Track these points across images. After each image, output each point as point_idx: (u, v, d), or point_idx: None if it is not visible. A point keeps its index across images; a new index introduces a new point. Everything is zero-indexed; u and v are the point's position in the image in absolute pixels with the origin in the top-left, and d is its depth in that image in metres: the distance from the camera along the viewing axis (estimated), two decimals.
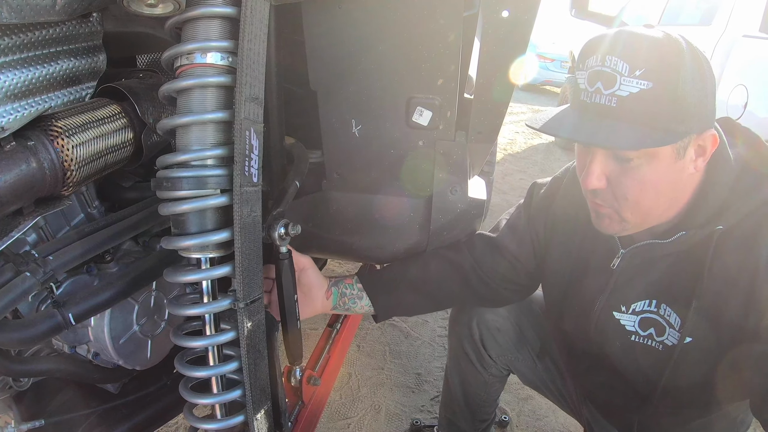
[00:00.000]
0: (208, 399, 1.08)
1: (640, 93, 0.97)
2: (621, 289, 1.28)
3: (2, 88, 0.96)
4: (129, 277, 1.14)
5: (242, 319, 0.99)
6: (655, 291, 1.23)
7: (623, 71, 0.98)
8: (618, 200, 1.11)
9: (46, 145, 0.96)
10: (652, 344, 1.24)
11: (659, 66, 0.97)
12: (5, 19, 0.90)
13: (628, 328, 1.27)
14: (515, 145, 8.12)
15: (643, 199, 1.10)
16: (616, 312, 1.29)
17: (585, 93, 1.05)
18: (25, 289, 0.99)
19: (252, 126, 0.93)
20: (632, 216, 1.13)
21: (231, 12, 0.92)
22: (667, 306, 1.20)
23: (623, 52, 0.98)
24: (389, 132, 1.42)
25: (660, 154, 1.03)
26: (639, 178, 1.06)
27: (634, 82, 0.97)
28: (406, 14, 1.25)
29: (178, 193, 0.94)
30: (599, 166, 1.08)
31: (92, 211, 1.28)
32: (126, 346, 1.28)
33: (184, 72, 0.94)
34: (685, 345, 1.16)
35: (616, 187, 1.10)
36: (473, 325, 1.70)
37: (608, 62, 0.99)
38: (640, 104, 0.98)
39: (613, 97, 1.00)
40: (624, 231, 1.17)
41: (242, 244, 0.95)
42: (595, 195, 1.14)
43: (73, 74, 1.12)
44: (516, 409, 2.44)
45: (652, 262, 1.22)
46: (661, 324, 1.21)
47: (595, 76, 1.02)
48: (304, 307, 1.40)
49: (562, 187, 1.46)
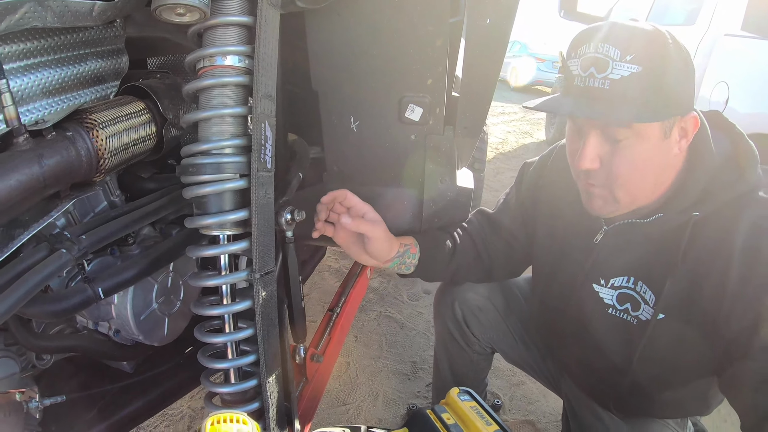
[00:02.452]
0: (225, 363, 1.17)
1: (630, 76, 1.04)
2: (602, 263, 1.34)
3: (40, 84, 1.07)
4: (151, 257, 1.24)
5: (258, 288, 1.09)
6: (634, 269, 1.28)
7: (615, 56, 1.04)
8: (611, 179, 1.16)
9: (83, 136, 1.06)
10: (627, 318, 1.29)
11: (648, 52, 1.04)
12: (49, 23, 1.00)
13: (606, 301, 1.33)
14: (506, 145, 8.17)
15: (633, 177, 1.15)
16: (595, 284, 1.35)
17: (578, 78, 1.11)
18: (61, 264, 1.06)
19: (267, 120, 1.05)
20: (623, 195, 1.17)
21: (247, 20, 1.04)
22: (643, 283, 1.26)
23: (615, 40, 1.05)
24: (384, 128, 1.51)
25: (648, 133, 1.10)
26: (630, 157, 1.12)
27: (625, 66, 1.04)
28: (398, 21, 1.34)
29: (201, 177, 1.05)
30: (593, 147, 1.14)
31: (114, 199, 1.37)
32: (146, 322, 1.37)
33: (206, 72, 1.05)
34: (658, 321, 1.21)
35: (609, 167, 1.15)
36: (456, 305, 1.77)
37: (601, 49, 1.06)
38: (631, 86, 1.04)
39: (606, 80, 1.06)
40: (615, 212, 1.22)
41: (258, 221, 1.06)
42: (589, 176, 1.19)
43: (99, 74, 1.22)
44: (508, 393, 2.50)
45: (632, 241, 1.28)
46: (636, 300, 1.27)
47: (588, 62, 1.08)
48: (369, 261, 1.48)
49: (548, 165, 1.54)
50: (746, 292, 1.06)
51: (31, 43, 1.06)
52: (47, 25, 1.00)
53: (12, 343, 1.26)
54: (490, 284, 1.77)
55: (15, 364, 1.27)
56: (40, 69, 1.08)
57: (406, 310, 3.19)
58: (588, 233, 1.37)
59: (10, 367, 1.27)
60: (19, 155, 0.94)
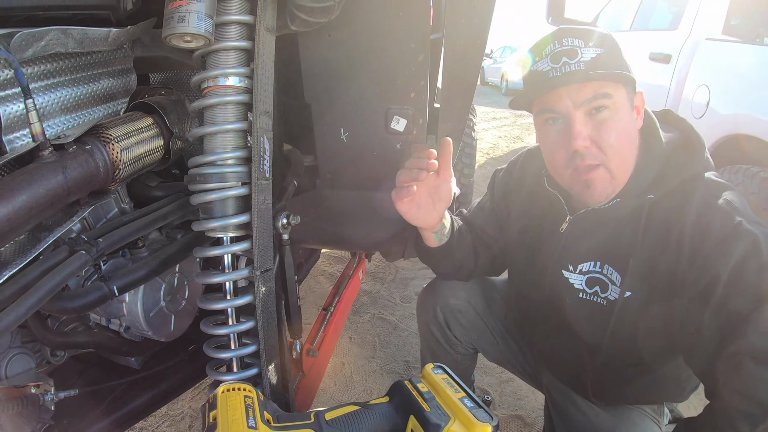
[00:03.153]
0: (229, 353, 1.28)
1: (597, 56, 1.21)
2: (569, 250, 1.42)
3: (59, 102, 1.19)
4: (160, 258, 1.34)
5: (258, 284, 1.21)
6: (599, 253, 1.36)
7: (581, 45, 1.21)
8: (604, 150, 1.24)
9: (100, 149, 1.18)
10: (597, 300, 1.36)
11: (602, 39, 1.22)
12: (70, 48, 1.13)
13: (576, 286, 1.40)
14: (498, 149, 8.24)
15: (622, 144, 1.25)
16: (565, 271, 1.42)
17: (552, 71, 1.23)
18: (81, 264, 1.16)
19: (265, 134, 1.18)
20: (618, 166, 1.26)
21: (246, 45, 1.17)
22: (609, 266, 1.34)
23: (572, 34, 1.23)
24: (372, 138, 1.61)
25: (621, 102, 1.24)
26: (614, 126, 1.23)
27: (591, 50, 1.21)
28: (383, 40, 1.45)
29: (207, 185, 1.18)
30: (581, 127, 1.23)
31: (124, 206, 1.48)
32: (154, 319, 1.47)
33: (210, 92, 1.18)
34: (626, 299, 1.29)
35: (599, 140, 1.23)
36: (437, 309, 1.81)
37: (567, 42, 1.22)
38: (600, 63, 1.20)
39: (580, 62, 1.20)
40: (613, 192, 1.29)
41: (258, 224, 1.18)
42: (584, 157, 1.25)
43: (111, 91, 1.35)
44: (498, 390, 2.55)
45: (594, 226, 1.36)
46: (604, 282, 1.34)
47: (557, 55, 1.23)
48: (425, 222, 1.49)
49: (517, 168, 1.65)
50: (697, 260, 1.16)
51: (51, 65, 1.19)
52: (68, 51, 1.13)
53: (28, 340, 1.36)
54: (469, 288, 1.81)
55: (31, 360, 1.36)
56: (59, 88, 1.21)
57: (399, 311, 3.26)
58: (554, 224, 1.46)
59: (27, 362, 1.35)
60: (46, 167, 1.05)
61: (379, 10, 1.42)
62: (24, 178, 1.01)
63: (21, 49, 1.03)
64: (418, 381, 1.10)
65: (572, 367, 1.54)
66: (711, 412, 1.17)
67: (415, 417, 1.00)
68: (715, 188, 1.22)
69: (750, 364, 1.06)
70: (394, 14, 1.42)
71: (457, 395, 1.01)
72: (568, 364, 1.56)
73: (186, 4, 1.05)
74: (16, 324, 1.02)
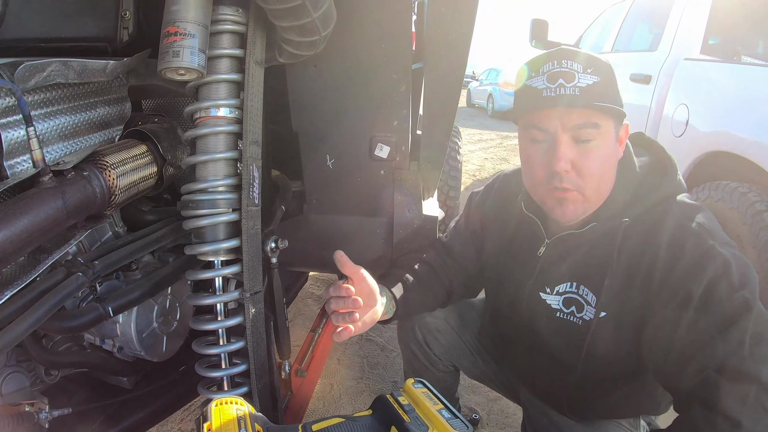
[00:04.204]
0: (220, 372, 1.33)
1: (594, 84, 1.21)
2: (546, 273, 1.44)
3: (57, 129, 1.24)
4: (153, 280, 1.40)
5: (248, 306, 1.27)
6: (575, 274, 1.38)
7: (579, 70, 1.21)
8: (583, 178, 1.25)
9: (97, 175, 1.22)
10: (573, 320, 1.38)
11: (600, 67, 1.22)
12: (70, 79, 1.18)
13: (553, 306, 1.42)
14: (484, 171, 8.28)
15: (602, 174, 1.27)
16: (542, 293, 1.44)
17: (547, 90, 1.23)
18: (78, 286, 1.20)
19: (254, 162, 1.24)
20: (593, 193, 1.28)
21: (236, 77, 1.23)
22: (584, 287, 1.35)
23: (571, 57, 1.23)
24: (356, 164, 1.67)
25: (609, 133, 1.25)
26: (599, 155, 1.24)
27: (588, 77, 1.21)
28: (366, 71, 1.51)
29: (199, 211, 1.24)
30: (565, 150, 1.24)
31: (118, 230, 1.53)
32: (147, 339, 1.51)
33: (202, 122, 1.24)
34: (600, 319, 1.31)
35: (580, 167, 1.25)
36: (416, 329, 1.84)
37: (565, 64, 1.22)
38: (596, 92, 1.21)
39: (576, 87, 1.20)
40: (584, 213, 1.31)
41: (248, 248, 1.24)
42: (562, 180, 1.26)
43: (106, 119, 1.39)
44: (486, 408, 2.57)
45: (571, 249, 1.38)
46: (580, 302, 1.36)
47: (555, 75, 1.22)
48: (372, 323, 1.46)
49: (494, 191, 1.68)
50: (670, 281, 1.19)
51: (50, 93, 1.23)
52: (69, 81, 1.18)
53: (23, 359, 1.40)
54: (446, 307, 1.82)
55: (26, 379, 1.40)
56: (58, 116, 1.26)
57: (386, 333, 3.26)
58: (531, 248, 1.49)
59: (22, 381, 1.39)
60: (46, 192, 1.10)
61: (362, 43, 1.48)
62: (26, 203, 1.05)
63: (24, 80, 1.08)
64: (399, 395, 1.15)
65: (548, 384, 1.57)
66: (680, 424, 1.20)
67: (396, 427, 1.05)
68: (687, 210, 1.25)
69: (719, 379, 1.10)
70: (377, 47, 1.48)
71: (436, 407, 1.06)
72: (544, 381, 1.59)
73: (180, 40, 1.10)
74: (17, 342, 1.05)
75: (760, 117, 2.97)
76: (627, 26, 5.06)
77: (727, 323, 1.11)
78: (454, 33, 1.32)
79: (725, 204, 2.98)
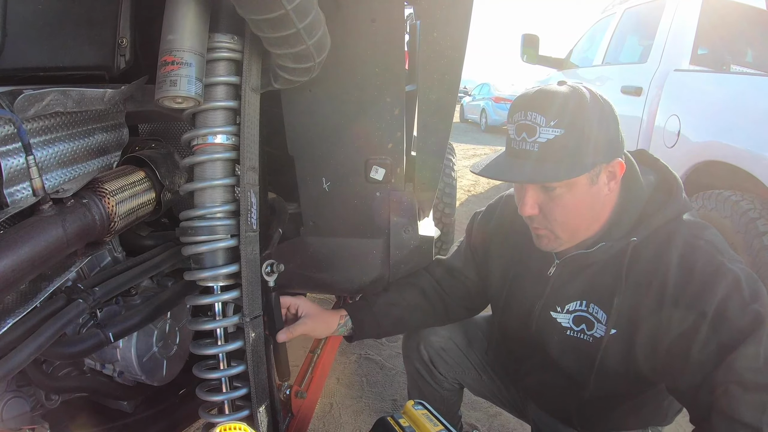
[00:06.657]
0: (221, 396, 1.33)
1: (555, 138, 1.20)
2: (557, 292, 1.46)
3: (56, 156, 1.25)
4: (153, 305, 1.40)
5: (248, 330, 1.28)
6: (585, 293, 1.40)
7: (541, 123, 1.21)
8: (550, 222, 1.32)
9: (96, 202, 1.23)
10: (583, 338, 1.40)
11: (568, 115, 1.20)
12: (69, 108, 1.19)
13: (564, 324, 1.44)
14: (478, 186, 8.28)
15: (568, 219, 1.30)
16: (552, 312, 1.46)
17: (514, 141, 1.27)
18: (78, 312, 1.21)
19: (252, 188, 1.25)
20: (563, 233, 1.33)
21: (233, 105, 1.25)
22: (594, 305, 1.38)
23: (540, 107, 1.22)
24: (352, 187, 1.68)
25: (577, 182, 1.25)
26: (563, 204, 1.28)
27: (550, 130, 1.20)
28: (361, 95, 1.53)
29: (198, 237, 1.25)
30: (531, 197, 1.30)
31: (117, 256, 1.54)
32: (147, 363, 1.51)
33: (199, 149, 1.25)
34: (611, 336, 1.33)
35: (546, 212, 1.30)
36: (421, 348, 1.85)
37: (529, 116, 1.22)
38: (556, 147, 1.21)
39: (535, 143, 1.22)
40: (560, 246, 1.38)
41: (247, 274, 1.25)
42: (531, 221, 1.35)
43: (104, 145, 1.41)
44: (486, 424, 2.57)
45: (581, 269, 1.40)
46: (590, 320, 1.38)
47: (520, 128, 1.25)
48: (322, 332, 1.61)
49: (497, 211, 1.70)
50: (683, 300, 1.20)
51: (48, 121, 1.25)
52: (67, 110, 1.19)
53: (23, 384, 1.40)
54: (450, 326, 1.85)
55: (26, 403, 1.41)
56: (56, 143, 1.27)
57: (385, 351, 3.27)
58: (541, 268, 1.50)
59: (22, 406, 1.40)
60: (47, 220, 1.11)
61: (356, 68, 1.51)
62: (26, 232, 1.06)
63: (24, 109, 1.09)
64: (399, 417, 1.16)
65: (558, 401, 1.59)
66: None
67: None
68: (695, 229, 1.28)
69: (738, 391, 1.12)
70: (371, 71, 1.50)
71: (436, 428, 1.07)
72: (555, 398, 1.61)
73: (177, 69, 1.12)
74: (19, 368, 1.06)
75: (750, 125, 2.99)
76: (617, 39, 5.08)
77: (742, 337, 1.14)
78: (447, 58, 1.34)
79: (718, 213, 2.99)
